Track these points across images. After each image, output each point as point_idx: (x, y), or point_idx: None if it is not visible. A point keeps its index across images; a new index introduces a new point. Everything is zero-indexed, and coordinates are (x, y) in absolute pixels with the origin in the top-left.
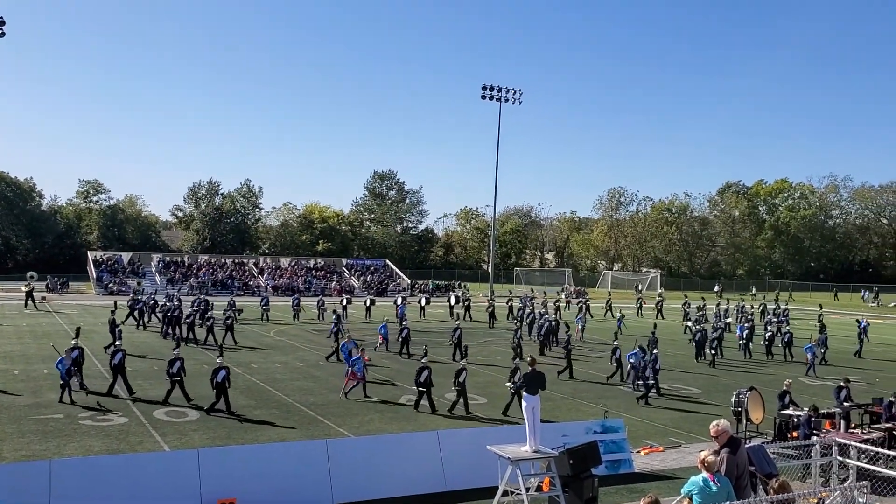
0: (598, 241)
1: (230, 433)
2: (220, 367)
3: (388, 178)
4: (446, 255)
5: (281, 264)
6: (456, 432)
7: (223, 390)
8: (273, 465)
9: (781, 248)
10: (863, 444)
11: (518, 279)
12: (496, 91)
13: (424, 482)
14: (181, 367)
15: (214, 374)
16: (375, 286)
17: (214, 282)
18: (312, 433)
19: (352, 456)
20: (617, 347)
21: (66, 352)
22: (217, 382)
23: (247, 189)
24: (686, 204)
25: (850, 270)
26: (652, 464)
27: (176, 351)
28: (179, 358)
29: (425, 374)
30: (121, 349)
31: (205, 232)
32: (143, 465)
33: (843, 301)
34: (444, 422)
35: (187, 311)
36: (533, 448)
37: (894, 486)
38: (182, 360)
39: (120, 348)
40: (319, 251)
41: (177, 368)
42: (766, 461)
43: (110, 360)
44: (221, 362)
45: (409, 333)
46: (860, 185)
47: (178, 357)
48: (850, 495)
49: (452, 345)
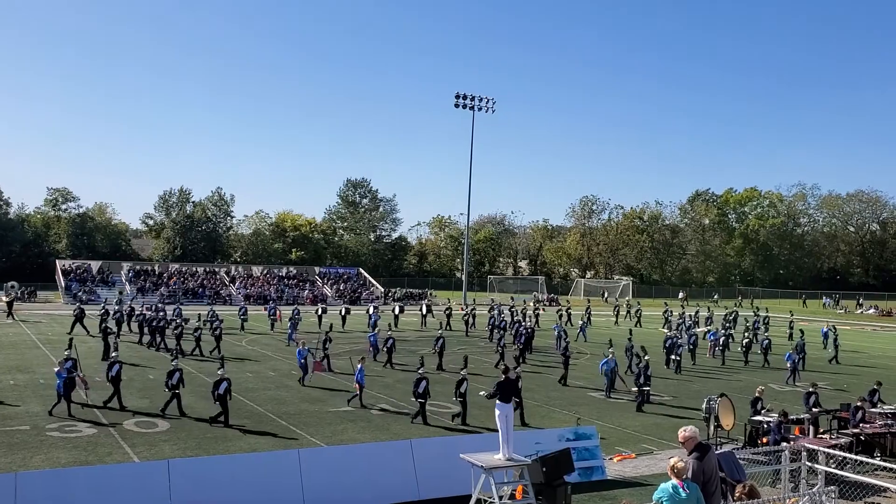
0: (570, 249)
1: (201, 444)
2: (221, 378)
3: (362, 186)
4: (420, 264)
5: (253, 273)
6: (429, 441)
7: (225, 402)
8: (244, 475)
9: (751, 255)
10: (831, 449)
11: (491, 287)
12: (469, 99)
13: (397, 491)
14: (180, 378)
15: (216, 386)
16: (349, 295)
17: (185, 291)
18: (284, 443)
19: (324, 465)
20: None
21: (61, 363)
22: (219, 394)
23: (218, 197)
24: (657, 212)
25: (819, 278)
26: (624, 471)
27: (175, 362)
28: (178, 369)
29: (423, 385)
30: (118, 361)
31: (176, 240)
32: (112, 477)
33: (811, 308)
34: (416, 431)
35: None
36: (506, 456)
37: (861, 490)
38: (181, 371)
39: (117, 360)
40: (292, 260)
41: (176, 380)
42: (736, 467)
43: (107, 371)
44: (223, 374)
45: (394, 343)
46: (827, 194)
47: (177, 368)
48: (818, 500)
49: (436, 353)
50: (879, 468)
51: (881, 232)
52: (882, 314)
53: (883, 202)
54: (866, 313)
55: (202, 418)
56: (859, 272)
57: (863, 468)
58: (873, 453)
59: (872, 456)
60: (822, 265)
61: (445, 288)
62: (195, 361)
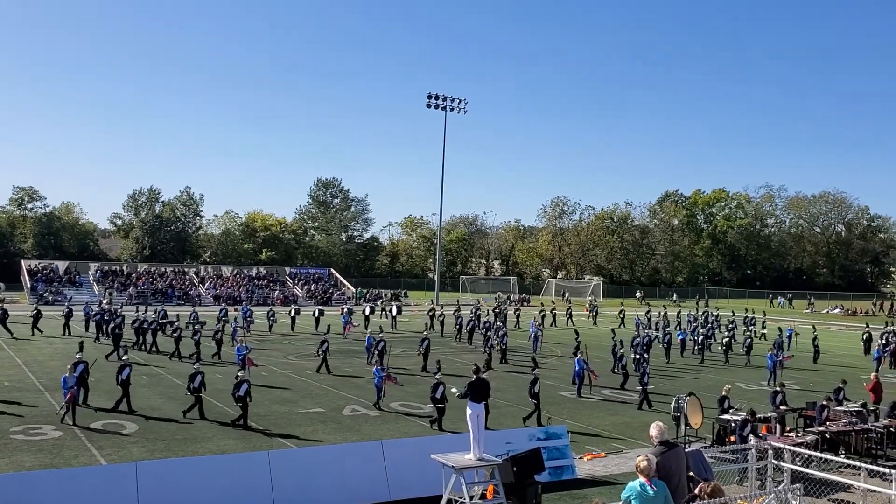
0: (542, 250)
1: (169, 445)
2: (241, 380)
3: (333, 185)
4: (392, 264)
5: (222, 273)
6: (400, 441)
7: (245, 404)
8: (214, 477)
9: (719, 255)
10: (797, 447)
11: (464, 287)
12: (441, 100)
13: (368, 492)
14: (202, 381)
15: (236, 387)
16: (320, 295)
17: (154, 291)
18: (254, 444)
19: (294, 467)
20: (623, 355)
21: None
22: (239, 395)
23: (187, 197)
24: (627, 213)
25: (785, 278)
26: (594, 470)
27: (196, 365)
28: (200, 372)
29: (441, 390)
30: (129, 364)
31: (144, 240)
32: (78, 480)
33: (776, 307)
34: (388, 432)
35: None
36: (477, 456)
37: (827, 487)
38: (203, 374)
39: (128, 363)
40: (262, 260)
41: (198, 383)
42: (704, 466)
43: (117, 375)
44: (243, 375)
45: (385, 345)
46: (794, 195)
47: (198, 371)
48: (783, 498)
49: (421, 355)
50: (843, 465)
51: (846, 233)
52: (847, 314)
53: (848, 204)
54: (832, 313)
55: (171, 419)
56: (825, 272)
57: (828, 466)
58: (838, 451)
59: (837, 453)
60: (788, 265)
61: (418, 288)
62: (168, 362)
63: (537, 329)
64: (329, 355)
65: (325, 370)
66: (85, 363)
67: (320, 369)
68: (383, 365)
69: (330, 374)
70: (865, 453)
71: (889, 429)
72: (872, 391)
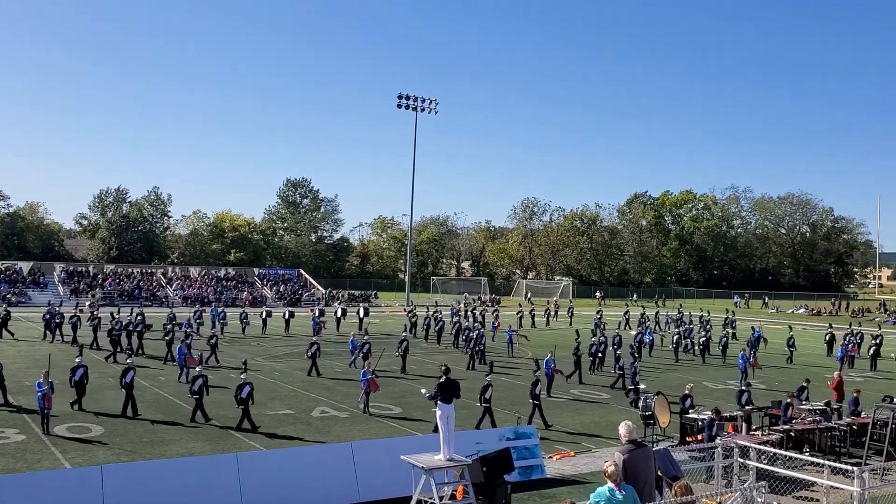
0: (512, 251)
1: (136, 448)
2: (244, 382)
3: (302, 185)
4: (362, 265)
5: (190, 274)
6: (370, 443)
7: (247, 406)
8: (181, 480)
9: (686, 256)
10: (762, 445)
11: (434, 288)
12: (412, 100)
13: (338, 493)
14: (203, 384)
15: (239, 389)
16: (289, 296)
17: (121, 292)
18: (223, 447)
19: (263, 469)
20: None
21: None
22: (241, 398)
23: (155, 197)
24: (596, 214)
25: (751, 278)
26: (564, 469)
27: (199, 368)
28: (202, 375)
29: (491, 392)
30: (132, 367)
31: (111, 241)
32: (42, 485)
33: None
34: (357, 433)
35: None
36: (447, 456)
37: (791, 485)
38: (205, 377)
39: (132, 366)
40: (230, 261)
41: (198, 386)
42: (672, 464)
43: (121, 378)
44: (246, 378)
45: (370, 348)
46: (760, 197)
47: (200, 374)
48: (749, 496)
49: (400, 356)
50: (808, 463)
51: (811, 234)
52: (811, 314)
53: (813, 205)
54: (797, 313)
55: (139, 417)
56: (790, 273)
57: (792, 463)
58: (802, 449)
59: (802, 451)
60: (754, 266)
61: (388, 289)
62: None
63: (511, 332)
64: (319, 357)
65: (315, 373)
66: (84, 367)
67: (311, 372)
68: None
69: (320, 376)
70: (829, 451)
71: (852, 426)
72: (836, 390)
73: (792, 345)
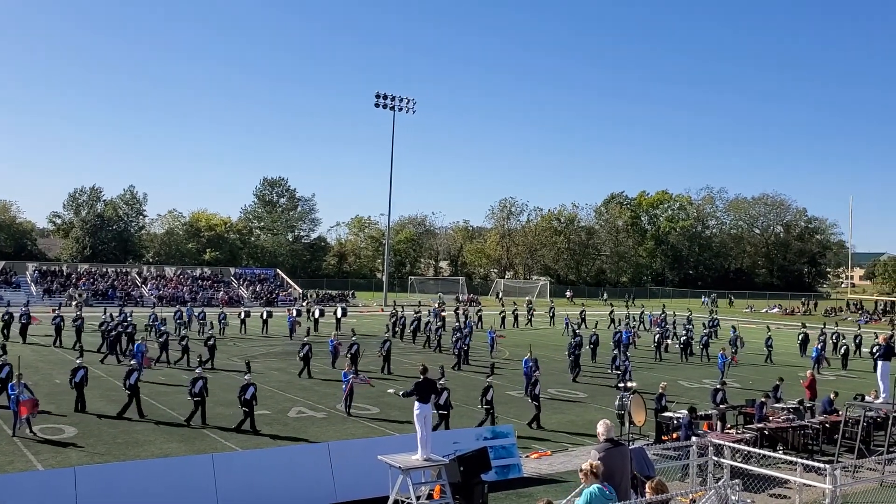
0: (490, 250)
1: (110, 449)
2: (248, 383)
3: (279, 185)
4: (340, 265)
5: (166, 274)
6: (347, 443)
7: (251, 408)
8: (156, 481)
9: (662, 256)
10: (736, 444)
11: (412, 288)
12: (390, 99)
13: (314, 494)
14: (203, 386)
15: (243, 390)
16: (265, 296)
17: (95, 292)
18: (198, 447)
19: (239, 470)
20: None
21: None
22: (245, 399)
23: (130, 196)
24: (573, 214)
25: (726, 278)
26: (541, 468)
27: (199, 370)
28: (202, 377)
29: (445, 396)
30: (136, 368)
31: (85, 240)
32: (14, 487)
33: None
34: (334, 434)
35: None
36: (424, 456)
37: (765, 483)
38: (205, 379)
39: (135, 367)
40: (206, 260)
41: (199, 388)
42: (647, 463)
43: (125, 379)
44: (249, 379)
45: (358, 349)
46: (734, 197)
47: (200, 376)
48: (723, 494)
49: (381, 357)
50: (781, 461)
51: (785, 234)
52: (785, 313)
53: (786, 205)
54: (770, 312)
55: (108, 415)
56: (764, 272)
57: (766, 461)
58: (776, 447)
59: (775, 450)
60: (729, 265)
61: (366, 289)
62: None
63: (492, 333)
64: (312, 356)
65: (307, 374)
66: (85, 368)
67: (302, 374)
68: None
69: (311, 378)
70: (802, 449)
71: (824, 425)
72: (808, 388)
73: (770, 345)
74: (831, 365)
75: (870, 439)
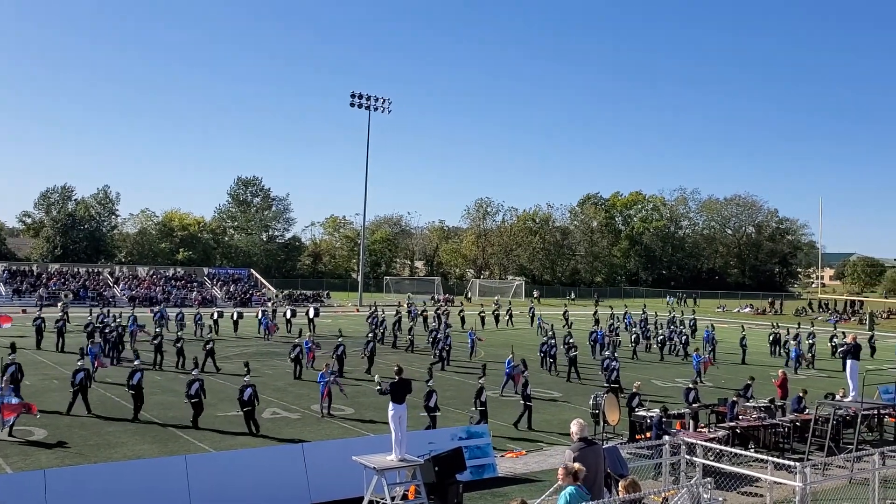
0: (466, 250)
1: (81, 451)
2: (246, 384)
3: (253, 184)
4: (314, 265)
5: (138, 274)
6: (321, 444)
7: (253, 407)
8: (128, 483)
9: (636, 256)
10: (708, 442)
11: (388, 288)
12: (365, 99)
13: (288, 495)
14: (199, 388)
15: (242, 392)
16: (239, 297)
17: (66, 292)
18: (171, 449)
19: (212, 472)
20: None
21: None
22: (243, 400)
23: (103, 195)
24: (549, 215)
25: (699, 278)
26: (515, 467)
27: (195, 372)
28: (199, 379)
29: (434, 398)
30: (140, 368)
31: (56, 239)
32: None
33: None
34: (309, 434)
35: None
36: (399, 457)
37: (736, 481)
38: (201, 381)
39: (139, 367)
40: (179, 260)
41: (195, 390)
42: (620, 462)
43: (128, 380)
44: (249, 380)
45: (344, 350)
46: (707, 198)
47: (196, 378)
48: (695, 492)
49: (365, 358)
50: (752, 459)
51: (756, 234)
52: (757, 313)
53: (758, 206)
54: (742, 312)
55: (79, 415)
56: (736, 272)
57: (738, 460)
58: (748, 445)
59: (747, 448)
60: (702, 266)
61: (341, 289)
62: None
63: (473, 334)
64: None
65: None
66: (86, 370)
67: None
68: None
69: (299, 378)
70: (773, 447)
71: (795, 423)
72: (780, 387)
73: (745, 344)
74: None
75: (839, 437)
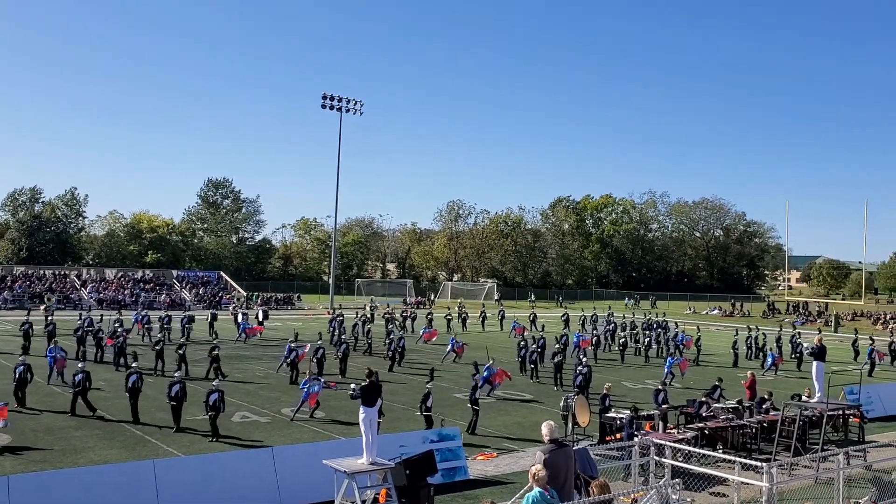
0: (438, 253)
1: (46, 457)
2: (213, 389)
3: (223, 186)
4: (285, 267)
5: (106, 276)
6: (291, 448)
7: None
8: (95, 489)
9: (606, 259)
10: (677, 443)
11: (359, 290)
12: (336, 101)
13: (259, 499)
14: (179, 390)
15: (207, 396)
16: (209, 299)
17: (32, 295)
18: (139, 453)
19: (181, 476)
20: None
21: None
22: (209, 405)
23: (71, 196)
24: (520, 217)
25: (668, 280)
26: (486, 470)
27: (178, 374)
28: (181, 381)
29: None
30: (135, 371)
31: (21, 241)
32: None
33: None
34: (279, 438)
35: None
36: (369, 460)
37: (705, 481)
38: (183, 383)
39: (135, 370)
40: (148, 262)
41: (175, 392)
42: (590, 464)
43: (125, 382)
44: (217, 385)
45: (324, 353)
46: (676, 201)
47: (179, 380)
48: (664, 493)
49: (338, 359)
50: (720, 460)
51: (724, 237)
52: (725, 314)
53: (726, 209)
54: (711, 314)
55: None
56: (704, 275)
57: (706, 460)
58: (716, 446)
59: (715, 449)
60: (671, 268)
61: (312, 291)
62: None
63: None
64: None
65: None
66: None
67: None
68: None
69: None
70: (741, 448)
71: (762, 424)
72: (749, 388)
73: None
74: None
75: (805, 437)
